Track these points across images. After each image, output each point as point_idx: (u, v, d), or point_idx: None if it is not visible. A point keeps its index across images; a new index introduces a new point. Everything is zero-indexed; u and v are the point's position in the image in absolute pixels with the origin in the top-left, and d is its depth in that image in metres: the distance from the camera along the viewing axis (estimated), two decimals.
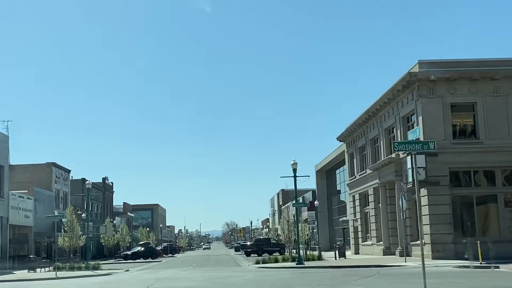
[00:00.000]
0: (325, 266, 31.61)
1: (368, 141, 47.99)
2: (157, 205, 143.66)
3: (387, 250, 42.66)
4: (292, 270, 28.42)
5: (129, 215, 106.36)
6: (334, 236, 71.03)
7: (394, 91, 38.46)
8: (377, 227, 46.58)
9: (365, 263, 32.78)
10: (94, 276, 32.91)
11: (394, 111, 40.50)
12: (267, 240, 70.51)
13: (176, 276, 27.94)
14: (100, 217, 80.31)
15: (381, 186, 43.61)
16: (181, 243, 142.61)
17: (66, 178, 66.50)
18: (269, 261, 40.43)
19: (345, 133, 54.00)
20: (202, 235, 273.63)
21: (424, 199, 34.97)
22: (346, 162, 56.25)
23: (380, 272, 20.58)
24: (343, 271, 23.62)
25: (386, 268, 27.94)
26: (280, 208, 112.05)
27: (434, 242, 34.17)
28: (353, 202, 54.07)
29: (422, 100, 35.38)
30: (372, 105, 43.89)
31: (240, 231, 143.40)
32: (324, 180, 74.71)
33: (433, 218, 34.29)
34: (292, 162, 36.65)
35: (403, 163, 38.77)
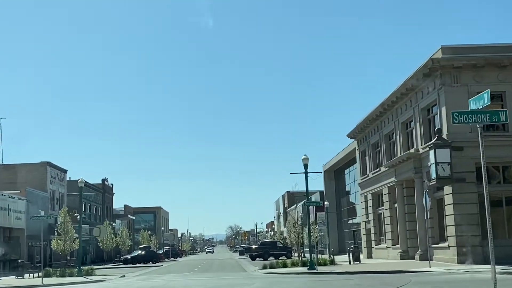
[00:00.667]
0: (340, 272, 28.41)
1: (383, 136, 44.79)
2: (159, 208, 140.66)
3: (404, 254, 39.43)
4: (305, 277, 25.24)
5: (130, 218, 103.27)
6: (343, 239, 67.85)
7: (414, 80, 35.27)
8: (392, 229, 43.36)
9: (385, 268, 29.59)
10: (85, 283, 29.82)
11: (413, 103, 37.31)
12: (273, 244, 67.54)
13: (174, 284, 24.80)
14: (99, 219, 77.26)
15: (398, 184, 40.41)
16: (184, 247, 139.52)
17: (62, 178, 63.44)
18: (277, 266, 37.31)
19: (356, 129, 50.81)
20: (205, 239, 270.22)
21: (449, 197, 31.80)
22: (358, 160, 53.04)
23: (413, 281, 17.37)
24: (366, 279, 20.38)
25: (411, 274, 24.73)
26: (286, 211, 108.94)
27: (459, 245, 30.95)
28: (365, 202, 50.86)
29: (445, 89, 32.20)
30: (388, 97, 40.71)
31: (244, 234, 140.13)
32: (332, 181, 71.54)
33: (459, 219, 31.08)
34: (303, 157, 33.48)
35: (423, 158, 35.61)
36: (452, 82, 32.27)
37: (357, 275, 25.52)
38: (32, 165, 57.94)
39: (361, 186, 52.16)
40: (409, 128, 39.61)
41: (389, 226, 43.86)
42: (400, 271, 27.30)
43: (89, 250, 75.02)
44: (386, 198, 44.37)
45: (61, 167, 63.29)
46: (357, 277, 21.86)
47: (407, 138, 39.89)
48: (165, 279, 29.67)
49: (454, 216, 31.18)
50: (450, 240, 31.93)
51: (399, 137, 40.74)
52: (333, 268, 32.89)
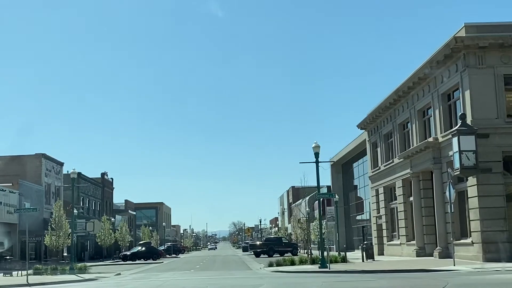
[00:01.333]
0: (356, 271, 25.71)
1: (396, 126, 42.05)
2: (161, 204, 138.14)
3: (421, 251, 36.72)
4: (318, 277, 22.54)
5: (131, 213, 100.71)
6: (351, 235, 65.18)
7: (433, 63, 32.50)
8: (406, 225, 40.66)
9: (404, 267, 26.93)
10: (73, 282, 27.23)
11: (431, 88, 34.56)
12: (279, 240, 64.98)
13: (171, 284, 22.13)
14: (98, 214, 74.69)
15: (414, 176, 37.68)
16: (186, 243, 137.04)
17: (58, 171, 60.78)
18: (284, 263, 34.63)
19: (367, 119, 48.04)
20: (208, 235, 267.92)
21: (473, 189, 29.10)
22: (368, 152, 50.29)
23: (450, 283, 14.66)
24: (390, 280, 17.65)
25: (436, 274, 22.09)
26: (290, 206, 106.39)
27: (485, 241, 28.27)
28: (376, 196, 48.16)
29: (469, 71, 29.44)
30: (403, 83, 37.97)
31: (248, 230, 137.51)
32: (339, 174, 68.77)
33: (484, 213, 28.39)
34: (314, 145, 30.74)
35: (443, 148, 32.92)
36: (476, 63, 29.53)
37: (376, 274, 22.87)
38: (26, 157, 55.28)
39: (371, 180, 49.45)
40: (426, 116, 36.88)
41: (403, 221, 41.16)
42: (422, 270, 24.64)
43: (88, 246, 72.50)
44: (400, 192, 41.67)
45: (57, 160, 60.62)
46: (378, 277, 19.15)
47: (424, 126, 37.18)
48: (162, 278, 27.04)
49: (479, 210, 28.49)
50: (474, 236, 29.23)
51: (415, 126, 38.00)
52: (346, 266, 30.20)
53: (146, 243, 68.18)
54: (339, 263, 32.70)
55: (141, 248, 64.96)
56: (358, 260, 36.42)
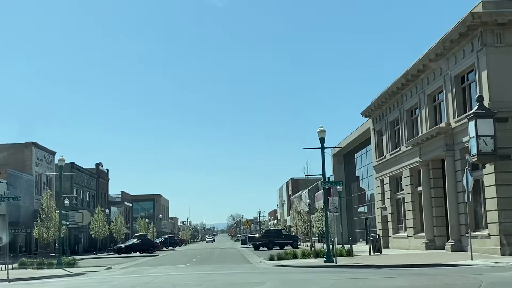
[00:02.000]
0: (365, 265, 23.57)
1: (404, 112, 39.87)
2: (159, 196, 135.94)
3: (431, 244, 34.63)
4: (324, 272, 20.43)
5: (127, 205, 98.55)
6: (353, 227, 63.08)
7: (446, 43, 30.29)
8: (414, 216, 38.57)
9: (417, 261, 24.86)
10: (59, 277, 25.12)
11: (443, 71, 32.36)
12: (278, 232, 63.09)
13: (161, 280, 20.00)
14: (93, 205, 72.50)
15: (423, 165, 35.54)
16: (183, 236, 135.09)
17: (50, 161, 58.47)
18: (286, 257, 32.54)
19: (372, 106, 45.81)
20: (206, 228, 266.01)
21: (490, 177, 26.97)
22: (373, 141, 48.11)
23: (485, 282, 12.54)
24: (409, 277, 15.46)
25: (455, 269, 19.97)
26: (290, 198, 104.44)
27: (504, 233, 26.19)
28: (381, 187, 46.02)
29: (486, 50, 27.23)
30: (412, 66, 35.75)
31: (246, 223, 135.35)
32: (341, 165, 66.56)
33: (503, 202, 26.31)
34: (319, 129, 28.52)
35: (456, 134, 30.78)
36: (494, 42, 27.34)
37: (390, 269, 20.75)
38: (15, 146, 52.94)
39: (376, 169, 47.30)
40: (437, 100, 34.72)
41: (410, 212, 39.06)
42: (438, 265, 22.58)
43: (82, 238, 70.38)
44: (407, 182, 39.55)
45: (48, 149, 58.28)
46: (395, 273, 17.03)
47: (435, 112, 35.02)
48: (154, 273, 24.93)
49: (497, 200, 26.39)
50: (490, 228, 27.14)
51: (424, 111, 35.83)
52: (353, 260, 28.08)
53: (141, 236, 66.13)
54: (344, 256, 30.61)
55: (136, 240, 62.91)
56: (364, 253, 34.36)
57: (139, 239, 63.32)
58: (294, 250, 37.24)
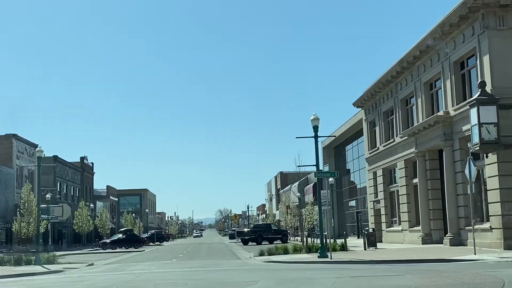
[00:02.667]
0: (363, 261, 22.09)
1: (398, 102, 38.44)
2: (146, 190, 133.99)
3: (427, 238, 33.29)
4: (321, 269, 18.92)
5: (113, 200, 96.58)
6: (344, 221, 61.76)
7: (445, 26, 28.82)
8: (409, 209, 37.23)
9: (417, 256, 23.51)
10: (35, 274, 23.43)
11: (441, 57, 30.93)
12: (268, 226, 61.67)
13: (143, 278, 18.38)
14: (77, 200, 70.54)
15: (419, 156, 34.16)
16: (171, 231, 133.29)
17: (32, 154, 56.40)
18: (277, 252, 31.06)
19: (364, 96, 44.33)
20: (194, 223, 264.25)
21: (492, 167, 25.60)
22: (365, 132, 46.66)
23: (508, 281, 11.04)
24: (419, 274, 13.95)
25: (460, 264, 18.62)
26: (278, 193, 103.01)
27: (507, 227, 24.85)
28: (374, 180, 44.62)
29: (488, 34, 25.80)
30: (408, 52, 34.27)
31: (235, 217, 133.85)
32: (332, 158, 65.16)
33: (506, 194, 24.98)
34: (312, 118, 26.95)
35: (455, 122, 29.40)
36: (497, 24, 25.92)
37: (390, 265, 19.31)
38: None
39: (369, 162, 45.89)
40: (434, 88, 33.32)
41: (405, 205, 37.70)
42: (440, 260, 21.23)
43: (66, 233, 68.45)
44: (402, 174, 38.17)
45: (30, 141, 56.26)
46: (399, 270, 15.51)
47: (431, 100, 33.63)
48: (137, 269, 23.31)
49: (500, 191, 25.04)
50: (492, 221, 25.78)
51: (420, 100, 34.41)
52: (349, 255, 26.59)
53: (127, 230, 64.37)
54: (338, 251, 29.12)
55: (121, 235, 61.22)
56: (358, 247, 32.96)
57: (125, 234, 61.67)
58: (285, 245, 35.78)
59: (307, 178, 71.59)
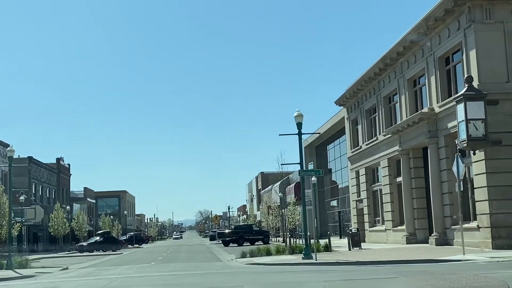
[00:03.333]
0: (350, 262, 21.25)
1: (381, 99, 37.77)
2: (124, 192, 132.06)
3: (411, 237, 32.63)
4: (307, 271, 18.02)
5: (90, 202, 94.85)
6: (326, 221, 60.98)
7: (430, 21, 28.17)
8: (393, 208, 36.58)
9: (405, 257, 22.75)
10: (5, 280, 22.14)
11: (425, 53, 30.28)
12: (249, 227, 60.87)
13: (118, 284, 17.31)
14: (53, 202, 68.90)
15: (403, 154, 33.50)
16: (150, 233, 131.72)
17: (5, 154, 54.67)
18: (259, 254, 30.14)
19: (346, 94, 43.62)
20: (175, 224, 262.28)
21: (479, 165, 24.95)
22: (347, 131, 45.96)
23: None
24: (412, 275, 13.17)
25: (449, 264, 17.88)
26: (259, 193, 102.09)
27: (495, 225, 24.21)
28: (356, 179, 43.92)
29: (475, 27, 25.17)
30: (391, 49, 33.63)
31: (215, 218, 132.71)
32: (313, 157, 64.33)
33: (494, 192, 24.35)
34: (296, 114, 26.02)
35: (440, 119, 28.78)
36: (483, 18, 25.31)
37: (378, 266, 18.53)
38: None
39: (351, 161, 45.19)
40: (418, 85, 32.69)
41: (388, 205, 37.04)
42: (429, 261, 20.51)
43: (41, 237, 66.80)
44: (385, 172, 37.52)
45: (2, 141, 54.58)
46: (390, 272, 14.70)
47: (415, 97, 33.00)
48: (113, 274, 22.20)
49: (488, 189, 24.41)
50: (480, 220, 25.14)
51: (404, 97, 33.76)
52: (334, 256, 25.75)
53: (105, 233, 63.02)
54: (322, 252, 28.28)
55: (99, 238, 59.87)
56: (342, 248, 32.17)
57: (102, 237, 60.35)
58: (267, 246, 34.87)
59: (288, 178, 70.79)
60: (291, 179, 71.28)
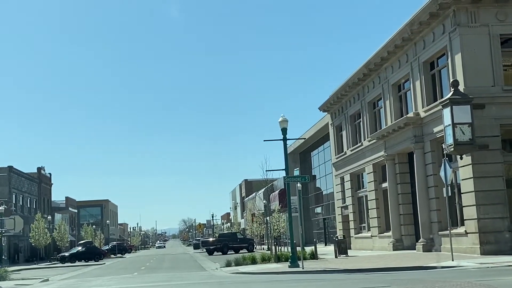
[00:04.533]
0: (337, 270, 20.82)
1: (365, 105, 37.52)
2: (107, 201, 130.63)
3: (398, 244, 32.30)
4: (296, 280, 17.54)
5: (72, 211, 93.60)
6: (310, 228, 60.58)
7: (414, 25, 27.95)
8: (379, 214, 36.27)
9: (393, 264, 22.34)
10: None
11: (410, 57, 30.07)
12: (233, 235, 60.14)
13: None
14: (34, 212, 67.76)
15: (389, 159, 33.22)
16: (134, 242, 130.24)
17: None
18: (244, 262, 29.62)
19: (330, 99, 43.32)
20: (158, 233, 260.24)
21: (466, 169, 24.67)
22: (331, 136, 45.66)
23: None
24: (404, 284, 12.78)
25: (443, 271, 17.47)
26: (243, 201, 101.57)
27: (483, 231, 23.92)
28: (341, 185, 43.61)
29: (460, 31, 24.96)
30: (376, 53, 33.39)
31: (199, 226, 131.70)
32: (297, 164, 63.83)
33: (481, 197, 24.06)
34: (281, 119, 25.63)
35: (425, 124, 28.54)
36: (469, 21, 25.08)
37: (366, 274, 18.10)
38: None
39: (335, 167, 44.87)
40: (402, 90, 32.48)
41: (374, 211, 36.73)
42: (418, 267, 20.16)
43: (22, 247, 65.60)
44: (370, 178, 37.22)
45: None
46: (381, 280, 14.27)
47: (400, 102, 32.76)
48: (94, 285, 21.55)
49: (475, 194, 24.12)
50: (467, 225, 24.84)
51: (388, 102, 33.52)
52: (320, 264, 25.28)
53: (86, 243, 61.97)
54: (308, 260, 27.82)
55: (81, 248, 58.85)
56: (328, 255, 31.73)
57: (84, 247, 59.33)
58: (252, 254, 34.34)
59: (272, 185, 70.39)
60: (275, 186, 70.87)
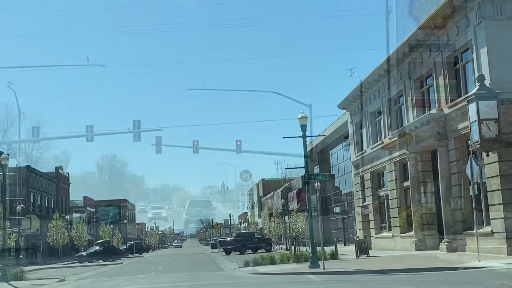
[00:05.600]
0: (361, 271, 20.17)
1: (386, 102, 36.73)
2: (125, 201, 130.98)
3: (421, 244, 31.47)
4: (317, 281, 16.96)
5: (90, 211, 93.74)
6: (329, 228, 59.74)
7: (438, 19, 27.14)
8: (400, 214, 35.44)
9: (419, 265, 21.59)
10: None
11: (433, 52, 29.27)
12: (251, 235, 59.69)
13: None
14: (52, 212, 67.78)
15: (411, 157, 32.40)
16: (151, 241, 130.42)
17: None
18: (263, 262, 29.03)
19: (350, 97, 42.58)
20: (175, 233, 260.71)
21: (492, 167, 23.84)
22: (351, 135, 44.87)
23: None
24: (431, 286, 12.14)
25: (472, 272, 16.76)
26: (261, 200, 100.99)
27: (510, 230, 23.06)
28: (361, 184, 42.84)
29: (486, 24, 24.14)
30: (397, 49, 32.46)
31: (216, 226, 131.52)
32: (315, 163, 63.22)
33: (508, 195, 23.22)
34: (300, 116, 25.02)
35: (449, 121, 27.69)
36: (494, 14, 24.24)
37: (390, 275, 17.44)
38: None
39: (355, 166, 44.10)
40: (425, 86, 31.65)
41: (395, 210, 35.93)
42: (445, 268, 19.48)
43: (40, 247, 65.65)
44: (391, 177, 36.43)
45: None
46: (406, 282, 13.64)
47: (423, 98, 31.91)
48: (111, 285, 21.14)
49: (502, 192, 23.28)
50: (494, 225, 24.02)
51: (410, 98, 32.72)
52: (342, 264, 24.64)
53: (104, 242, 61.89)
54: (329, 260, 27.18)
55: (98, 247, 58.75)
56: (348, 255, 31.06)
57: (102, 246, 59.24)
58: (271, 254, 33.77)
59: (290, 184, 69.80)
60: (292, 185, 70.27)
